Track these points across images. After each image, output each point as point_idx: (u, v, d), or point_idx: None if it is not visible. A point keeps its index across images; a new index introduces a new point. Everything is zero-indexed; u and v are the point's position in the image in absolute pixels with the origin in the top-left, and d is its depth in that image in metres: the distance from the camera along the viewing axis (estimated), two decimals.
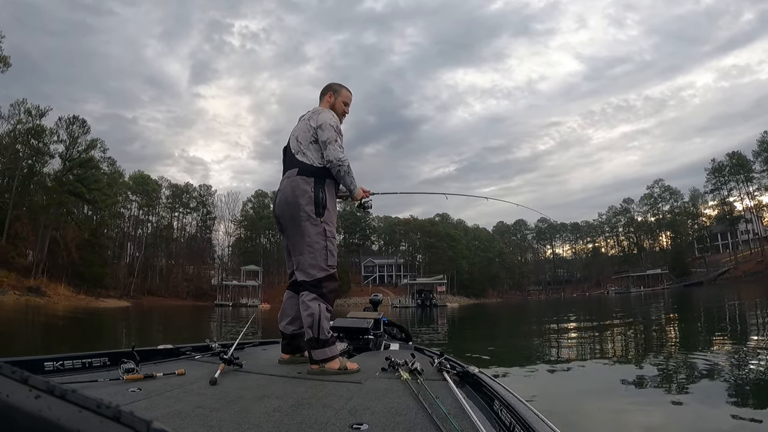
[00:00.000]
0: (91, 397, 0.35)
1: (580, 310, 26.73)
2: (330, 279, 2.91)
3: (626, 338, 11.33)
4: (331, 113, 3.12)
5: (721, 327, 12.47)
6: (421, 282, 76.60)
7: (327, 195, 2.98)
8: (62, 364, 2.43)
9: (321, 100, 3.32)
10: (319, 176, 2.99)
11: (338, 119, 3.16)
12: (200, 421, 1.65)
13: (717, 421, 3.82)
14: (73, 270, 52.20)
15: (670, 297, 39.19)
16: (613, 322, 16.51)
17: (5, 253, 43.78)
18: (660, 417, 4.07)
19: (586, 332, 13.66)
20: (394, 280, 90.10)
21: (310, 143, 3.03)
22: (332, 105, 3.27)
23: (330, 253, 2.93)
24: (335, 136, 2.98)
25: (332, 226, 3.00)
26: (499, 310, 38.89)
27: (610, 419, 4.09)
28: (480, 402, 1.93)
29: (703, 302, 25.51)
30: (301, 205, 2.92)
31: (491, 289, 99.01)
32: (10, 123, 50.66)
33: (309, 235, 2.90)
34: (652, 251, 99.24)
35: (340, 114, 3.27)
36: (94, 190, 56.76)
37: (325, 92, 3.33)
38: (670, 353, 8.09)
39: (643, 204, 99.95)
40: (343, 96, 3.33)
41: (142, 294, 67.30)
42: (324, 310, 2.81)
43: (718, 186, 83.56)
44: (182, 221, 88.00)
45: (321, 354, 2.73)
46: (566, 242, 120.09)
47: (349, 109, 3.39)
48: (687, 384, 5.39)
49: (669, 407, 4.26)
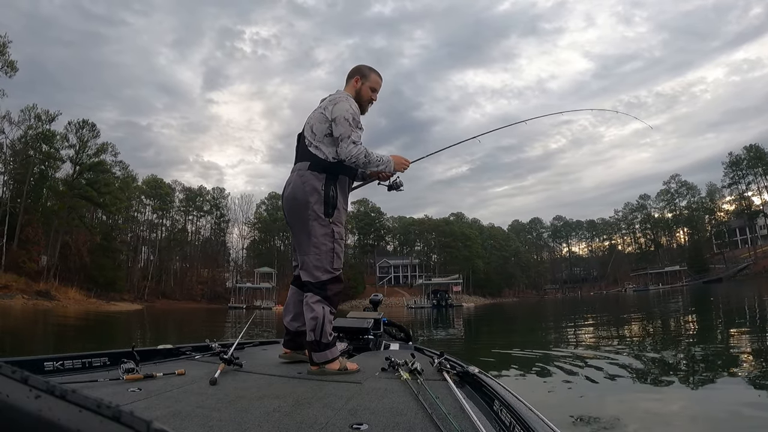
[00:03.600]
0: (91, 397, 0.35)
1: (599, 310, 26.42)
2: (335, 281, 2.79)
3: (655, 341, 10.92)
4: (347, 103, 2.84)
5: (752, 325, 12.18)
6: (436, 282, 75.94)
7: (338, 193, 2.82)
8: (62, 364, 2.43)
9: (347, 84, 3.06)
10: (331, 172, 2.80)
11: (357, 109, 2.89)
12: (200, 421, 1.64)
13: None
14: (86, 274, 52.66)
15: (691, 294, 38.66)
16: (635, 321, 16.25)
17: (16, 257, 44.34)
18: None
19: (608, 333, 13.48)
20: (410, 280, 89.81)
21: (325, 136, 2.82)
22: (358, 90, 3.00)
23: (336, 256, 2.79)
24: (349, 130, 2.74)
25: (341, 227, 2.83)
26: (517, 310, 38.59)
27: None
28: (480, 402, 1.91)
29: (727, 299, 25.10)
30: (310, 203, 2.75)
31: (507, 289, 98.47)
32: (20, 128, 51.20)
33: (316, 235, 2.76)
34: (669, 248, 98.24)
35: (366, 101, 3.04)
36: (105, 194, 57.08)
37: (351, 75, 3.06)
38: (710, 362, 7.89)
39: (660, 200, 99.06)
40: (371, 81, 3.03)
41: (157, 297, 67.69)
42: (328, 313, 2.72)
43: (736, 180, 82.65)
44: (196, 224, 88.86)
45: (321, 357, 2.67)
46: (582, 240, 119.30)
47: (377, 96, 3.09)
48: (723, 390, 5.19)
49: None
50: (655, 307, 23.92)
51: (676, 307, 22.46)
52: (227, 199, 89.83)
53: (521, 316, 27.78)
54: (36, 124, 51.80)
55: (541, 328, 16.72)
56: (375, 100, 3.09)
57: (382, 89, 3.12)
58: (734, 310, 17.80)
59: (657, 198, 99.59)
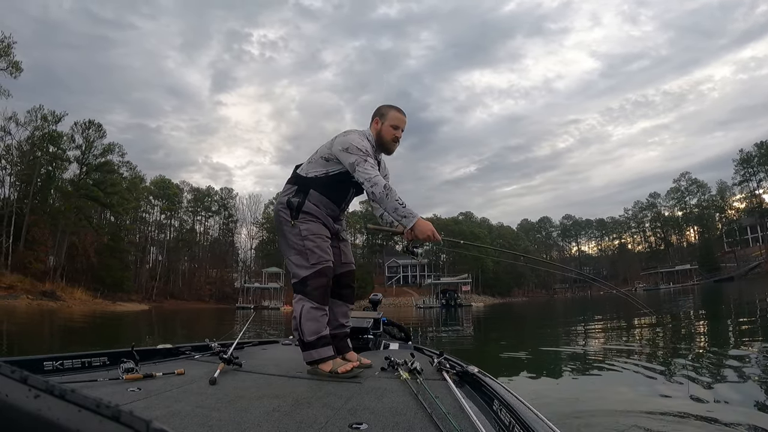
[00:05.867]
0: (90, 397, 0.35)
1: (609, 309, 26.24)
2: (316, 276, 2.75)
3: (666, 342, 10.68)
4: (359, 135, 2.82)
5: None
6: (445, 282, 76.04)
7: (307, 201, 2.85)
8: (62, 364, 2.45)
9: (369, 125, 3.01)
10: (302, 184, 2.89)
11: (369, 144, 2.83)
12: (200, 421, 1.65)
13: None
14: (93, 274, 52.77)
15: (702, 293, 38.31)
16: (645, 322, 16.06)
17: (23, 258, 44.50)
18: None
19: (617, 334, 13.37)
20: (418, 280, 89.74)
21: (320, 157, 2.87)
22: (379, 132, 2.92)
23: (311, 251, 2.78)
24: (363, 156, 2.68)
25: (309, 223, 2.83)
26: (526, 309, 38.40)
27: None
28: (479, 401, 1.91)
29: (739, 298, 24.76)
30: (279, 211, 2.90)
31: (517, 288, 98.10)
32: (27, 129, 51.37)
33: (288, 238, 2.84)
34: (679, 246, 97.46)
35: (389, 141, 2.94)
36: (111, 194, 57.08)
37: (372, 118, 2.99)
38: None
39: (670, 198, 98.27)
40: (390, 119, 2.92)
41: (165, 298, 67.90)
42: (308, 309, 2.70)
43: (747, 177, 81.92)
44: (204, 225, 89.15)
45: (307, 356, 2.67)
46: (592, 239, 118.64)
47: (401, 134, 2.97)
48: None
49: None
50: (665, 307, 23.69)
51: (687, 307, 22.26)
52: (235, 199, 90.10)
53: (530, 316, 27.66)
54: (42, 125, 51.95)
55: (550, 327, 16.64)
56: (400, 137, 2.99)
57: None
58: (747, 310, 17.56)
59: (667, 196, 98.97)
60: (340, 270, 3.01)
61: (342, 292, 3.05)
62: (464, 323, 22.50)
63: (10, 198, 50.10)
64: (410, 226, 2.67)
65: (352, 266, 3.17)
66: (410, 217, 2.65)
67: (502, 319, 26.75)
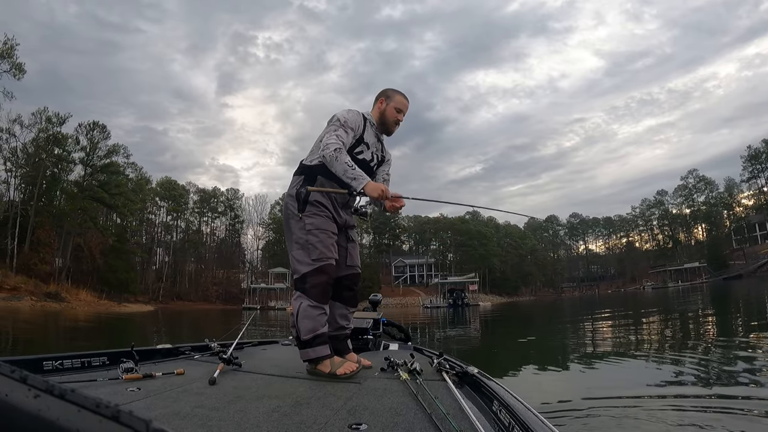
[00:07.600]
0: (90, 397, 0.35)
1: (617, 308, 26.10)
2: (316, 273, 2.72)
3: (674, 342, 10.50)
4: (349, 110, 2.93)
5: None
6: (452, 281, 75.79)
7: (314, 191, 2.83)
8: (61, 364, 2.46)
9: (373, 106, 3.12)
10: (308, 174, 2.86)
11: (355, 118, 2.92)
12: (199, 421, 1.65)
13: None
14: (98, 275, 52.89)
15: (711, 291, 38.05)
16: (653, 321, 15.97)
17: (27, 260, 44.66)
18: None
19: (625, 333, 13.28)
20: (425, 279, 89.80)
21: (320, 142, 2.86)
22: (383, 111, 3.05)
23: (313, 246, 2.74)
24: (336, 126, 2.79)
25: (315, 217, 2.80)
26: (534, 308, 38.28)
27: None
28: (479, 402, 1.91)
29: (748, 296, 24.53)
30: (288, 204, 2.86)
31: (524, 287, 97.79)
32: (32, 131, 51.47)
33: (294, 232, 2.81)
34: (688, 244, 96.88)
35: (391, 122, 3.07)
36: (116, 195, 57.05)
37: (377, 98, 3.12)
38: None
39: (678, 195, 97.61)
40: (395, 101, 3.06)
41: (171, 298, 68.08)
42: (305, 308, 2.67)
43: (755, 174, 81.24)
44: (211, 226, 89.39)
45: (303, 355, 2.66)
46: (599, 237, 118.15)
47: (402, 117, 3.11)
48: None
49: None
50: (673, 305, 23.55)
51: (696, 306, 22.05)
52: (241, 200, 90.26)
53: (538, 315, 27.55)
54: (47, 127, 52.02)
55: (557, 326, 16.59)
56: (401, 120, 3.12)
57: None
58: (756, 309, 17.39)
59: (674, 194, 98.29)
60: (344, 272, 2.98)
61: (343, 294, 3.02)
62: (472, 323, 22.45)
63: (15, 200, 50.31)
64: (360, 188, 2.68)
65: (356, 269, 3.13)
66: (360, 178, 2.67)
67: (510, 318, 26.62)
